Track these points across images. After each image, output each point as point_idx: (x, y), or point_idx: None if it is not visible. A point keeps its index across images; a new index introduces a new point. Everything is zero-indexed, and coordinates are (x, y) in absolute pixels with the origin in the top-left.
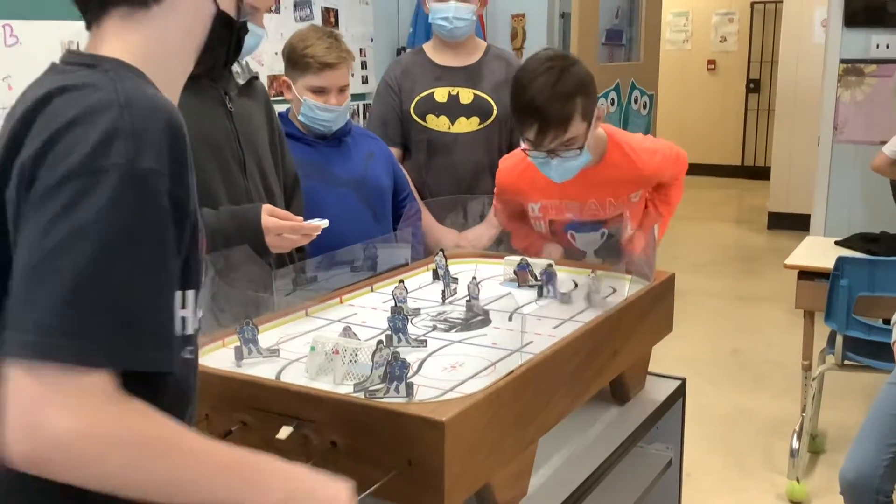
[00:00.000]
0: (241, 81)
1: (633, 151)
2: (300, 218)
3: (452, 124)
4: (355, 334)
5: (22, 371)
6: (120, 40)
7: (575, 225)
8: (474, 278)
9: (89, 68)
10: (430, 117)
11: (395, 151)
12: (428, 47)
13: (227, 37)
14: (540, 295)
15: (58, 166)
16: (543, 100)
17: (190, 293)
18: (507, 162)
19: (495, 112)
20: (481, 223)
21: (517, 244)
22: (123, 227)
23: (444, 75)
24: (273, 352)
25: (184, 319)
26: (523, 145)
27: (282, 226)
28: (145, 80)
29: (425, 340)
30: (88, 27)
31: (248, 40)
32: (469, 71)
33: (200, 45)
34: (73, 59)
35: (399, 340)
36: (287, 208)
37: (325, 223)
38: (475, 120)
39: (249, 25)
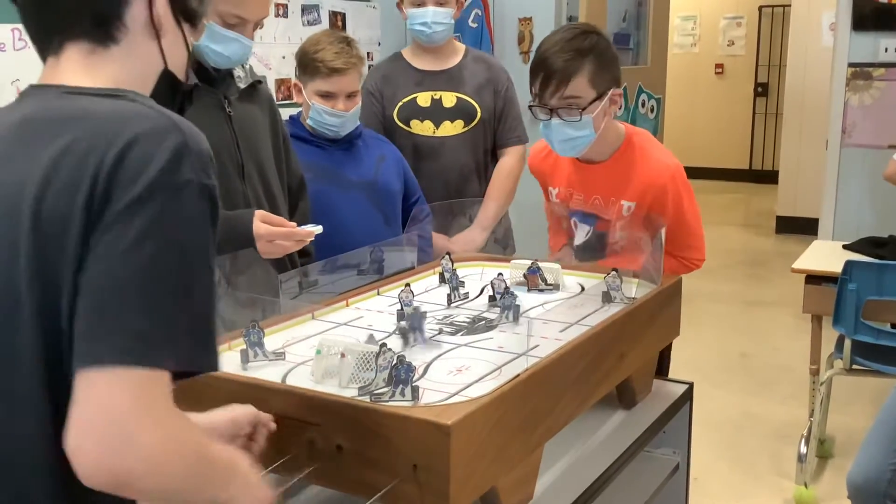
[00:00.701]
0: (242, 86)
1: (646, 156)
2: (293, 224)
3: (437, 128)
4: (375, 341)
5: (112, 378)
6: (89, 72)
7: (578, 213)
8: (500, 274)
9: (111, 98)
10: (415, 122)
11: None
12: (407, 52)
13: (170, 97)
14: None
15: (137, 181)
16: (553, 51)
17: None
18: (535, 147)
19: (479, 114)
20: (471, 227)
21: (550, 227)
22: (203, 237)
23: (426, 80)
24: (279, 355)
25: None
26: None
27: (273, 232)
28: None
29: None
30: (44, 59)
31: (236, 50)
32: (450, 74)
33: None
34: (84, 91)
35: (415, 340)
36: (292, 212)
37: (318, 229)
38: (459, 123)
39: (237, 35)
